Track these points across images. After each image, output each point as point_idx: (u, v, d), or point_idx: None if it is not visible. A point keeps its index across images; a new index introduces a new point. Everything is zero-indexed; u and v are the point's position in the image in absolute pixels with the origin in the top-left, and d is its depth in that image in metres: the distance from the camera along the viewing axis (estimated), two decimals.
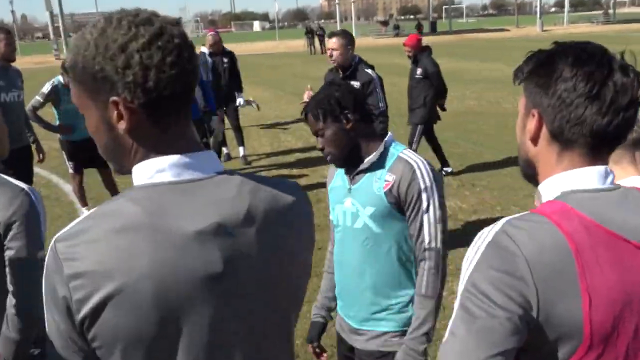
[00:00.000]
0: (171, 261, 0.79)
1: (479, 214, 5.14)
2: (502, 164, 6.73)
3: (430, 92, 5.87)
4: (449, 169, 6.37)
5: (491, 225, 0.87)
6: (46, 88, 4.77)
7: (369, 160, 1.75)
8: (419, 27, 43.58)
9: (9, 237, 1.46)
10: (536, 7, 46.06)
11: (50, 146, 8.74)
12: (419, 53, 5.89)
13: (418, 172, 1.69)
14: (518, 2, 59.13)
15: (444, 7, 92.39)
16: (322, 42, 30.39)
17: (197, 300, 0.80)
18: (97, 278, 0.76)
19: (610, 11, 55.62)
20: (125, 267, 0.77)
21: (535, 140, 0.93)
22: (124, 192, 0.85)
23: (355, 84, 3.80)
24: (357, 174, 1.78)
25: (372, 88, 3.79)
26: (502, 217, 3.81)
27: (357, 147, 1.76)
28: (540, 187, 0.95)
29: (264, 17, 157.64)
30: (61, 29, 37.02)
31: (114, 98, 0.81)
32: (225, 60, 6.80)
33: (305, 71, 19.44)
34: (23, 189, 1.50)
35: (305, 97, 4.07)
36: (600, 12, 63.94)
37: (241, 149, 7.29)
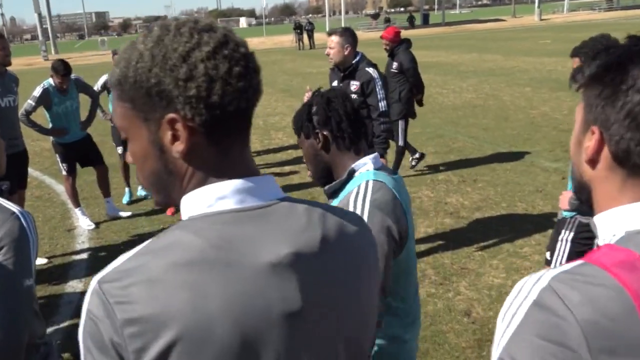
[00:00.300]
0: (244, 298, 0.70)
1: (482, 211, 5.01)
2: (504, 159, 6.62)
3: (406, 86, 5.71)
4: (417, 155, 6.25)
5: (534, 277, 0.70)
6: (37, 91, 4.74)
7: (330, 187, 1.58)
8: (411, 20, 43.61)
9: None
10: None
11: (42, 147, 8.62)
12: (397, 46, 5.76)
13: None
14: None
15: None
16: (310, 38, 30.26)
17: (274, 339, 0.72)
18: (159, 322, 0.66)
19: None
20: (192, 308, 0.67)
21: (593, 162, 0.77)
22: (179, 224, 0.73)
23: (355, 83, 3.72)
24: (330, 198, 1.62)
25: (372, 87, 3.68)
26: (507, 214, 3.64)
27: (329, 167, 1.58)
28: (596, 219, 0.78)
29: (251, 14, 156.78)
30: (49, 30, 36.92)
31: (172, 115, 0.71)
32: None
33: (295, 67, 19.28)
34: (14, 213, 1.41)
35: (305, 100, 3.97)
36: None
37: None
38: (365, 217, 1.43)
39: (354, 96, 3.73)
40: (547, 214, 4.84)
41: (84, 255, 4.58)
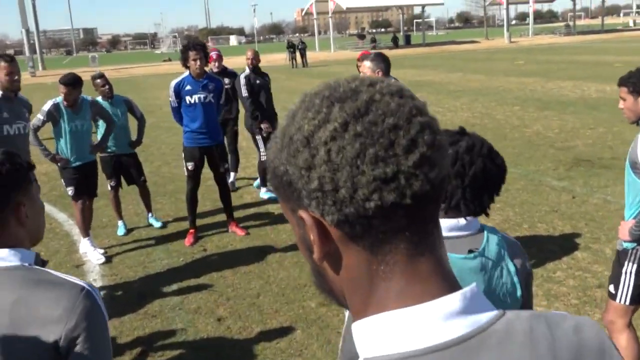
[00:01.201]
0: None
1: (507, 232, 4.95)
2: (513, 178, 6.58)
3: None
4: None
5: None
6: (47, 105, 4.58)
7: None
8: (395, 40, 44.46)
9: (72, 357, 1.13)
10: (499, 20, 48.59)
11: (37, 171, 8.28)
12: None
13: None
14: (487, 16, 61.72)
15: (414, 20, 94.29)
16: (303, 56, 30.59)
17: None
18: None
19: (571, 23, 58.82)
20: None
21: None
22: None
23: None
24: None
25: None
26: (531, 236, 3.54)
27: None
28: None
29: (240, 32, 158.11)
30: (37, 46, 36.49)
31: (301, 212, 0.55)
32: (261, 80, 6.33)
33: (291, 85, 19.26)
34: (83, 288, 1.19)
35: None
36: (563, 24, 68.13)
37: (232, 174, 6.83)
38: None
39: None
40: (568, 235, 4.84)
41: None
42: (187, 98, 5.00)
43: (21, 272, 1.18)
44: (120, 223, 5.57)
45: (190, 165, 5.12)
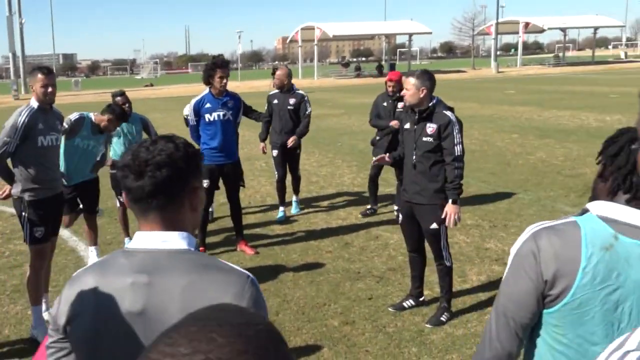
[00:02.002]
0: None
1: None
2: (524, 203, 6.58)
3: None
4: (373, 207, 6.39)
5: None
6: (74, 116, 4.54)
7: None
8: (380, 68, 45.11)
9: None
10: (483, 50, 49.31)
11: None
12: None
13: None
14: (474, 46, 62.87)
15: (397, 50, 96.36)
16: None
17: None
18: None
19: (561, 54, 59.90)
20: None
21: None
22: None
23: (432, 126, 3.64)
24: None
25: (450, 131, 3.63)
26: None
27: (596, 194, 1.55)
28: None
29: None
30: (21, 69, 36.93)
31: None
32: (292, 100, 6.33)
33: None
34: (249, 276, 1.20)
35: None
36: (551, 55, 69.14)
37: None
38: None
39: (429, 139, 3.62)
40: None
41: None
42: (207, 116, 4.99)
43: (190, 255, 1.17)
44: (126, 240, 5.41)
45: (205, 183, 5.03)
